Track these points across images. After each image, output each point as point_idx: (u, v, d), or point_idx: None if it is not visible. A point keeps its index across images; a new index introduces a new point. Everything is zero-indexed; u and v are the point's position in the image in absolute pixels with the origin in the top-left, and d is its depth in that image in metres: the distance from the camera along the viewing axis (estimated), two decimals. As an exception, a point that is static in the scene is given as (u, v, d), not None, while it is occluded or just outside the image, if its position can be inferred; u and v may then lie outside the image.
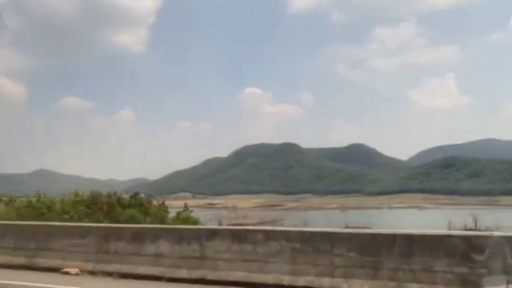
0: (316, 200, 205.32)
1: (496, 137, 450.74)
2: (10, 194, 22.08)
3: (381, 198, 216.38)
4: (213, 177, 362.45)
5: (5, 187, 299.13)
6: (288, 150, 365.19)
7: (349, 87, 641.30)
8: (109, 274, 8.97)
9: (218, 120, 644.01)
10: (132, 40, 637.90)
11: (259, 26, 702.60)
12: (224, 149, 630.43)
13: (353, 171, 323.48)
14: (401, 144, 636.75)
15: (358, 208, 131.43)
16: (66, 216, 14.87)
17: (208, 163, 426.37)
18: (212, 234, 8.31)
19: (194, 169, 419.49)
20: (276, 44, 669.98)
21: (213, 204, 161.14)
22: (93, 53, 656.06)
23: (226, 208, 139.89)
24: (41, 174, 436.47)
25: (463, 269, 6.17)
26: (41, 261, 9.92)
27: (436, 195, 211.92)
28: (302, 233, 7.68)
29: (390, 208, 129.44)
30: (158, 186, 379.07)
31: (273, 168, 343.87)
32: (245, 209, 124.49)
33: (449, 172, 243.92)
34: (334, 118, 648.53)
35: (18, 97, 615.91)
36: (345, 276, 6.87)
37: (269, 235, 7.72)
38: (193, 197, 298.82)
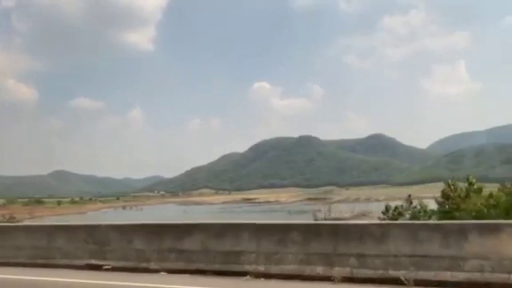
0: (347, 192, 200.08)
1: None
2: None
3: (414, 188, 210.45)
4: (233, 173, 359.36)
5: (25, 189, 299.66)
6: (307, 143, 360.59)
7: (359, 78, 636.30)
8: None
9: (228, 116, 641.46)
10: (140, 39, 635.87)
11: (266, 20, 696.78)
12: (239, 144, 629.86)
13: (376, 161, 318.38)
14: (418, 132, 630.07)
15: (401, 199, 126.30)
16: None
17: (225, 158, 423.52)
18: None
19: (211, 165, 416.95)
20: (284, 37, 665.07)
21: (249, 199, 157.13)
22: (102, 53, 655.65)
23: (268, 202, 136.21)
24: (58, 175, 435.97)
25: None
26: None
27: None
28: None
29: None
30: (176, 183, 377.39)
31: (294, 161, 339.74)
32: (292, 203, 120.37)
33: (480, 159, 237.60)
34: (346, 110, 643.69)
35: (31, 100, 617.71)
36: None
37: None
38: (216, 193, 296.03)
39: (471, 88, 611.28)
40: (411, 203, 14.24)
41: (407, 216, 14.94)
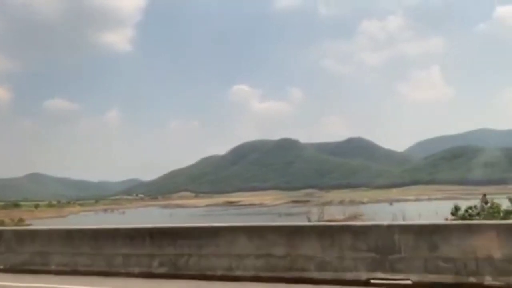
0: (329, 195, 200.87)
1: (488, 126, 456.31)
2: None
3: (394, 191, 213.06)
4: (213, 175, 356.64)
5: (0, 192, 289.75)
6: (287, 146, 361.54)
7: (338, 82, 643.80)
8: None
9: (207, 119, 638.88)
10: (118, 39, 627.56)
11: (246, 22, 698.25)
12: (219, 147, 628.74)
13: (356, 165, 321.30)
14: (395, 135, 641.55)
15: (385, 201, 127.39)
16: None
17: (205, 161, 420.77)
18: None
19: (191, 168, 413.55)
20: (264, 40, 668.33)
21: (232, 202, 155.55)
22: (79, 54, 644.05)
23: (252, 205, 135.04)
24: (33, 177, 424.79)
25: None
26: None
27: (447, 185, 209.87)
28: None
29: (429, 200, 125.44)
30: (155, 186, 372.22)
31: (275, 164, 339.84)
32: (277, 206, 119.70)
33: (458, 163, 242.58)
34: (325, 113, 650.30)
35: (4, 101, 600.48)
36: None
37: None
38: (196, 196, 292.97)
39: (445, 92, 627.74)
40: (486, 202, 13.45)
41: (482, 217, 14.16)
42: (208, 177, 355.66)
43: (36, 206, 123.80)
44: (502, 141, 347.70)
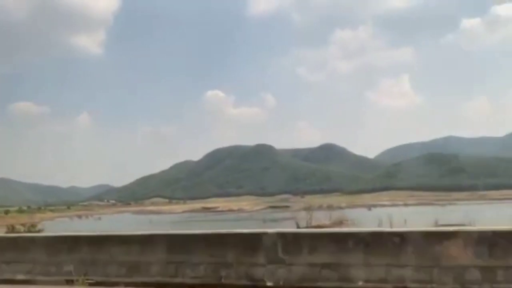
0: (305, 201, 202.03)
1: (454, 134, 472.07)
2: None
3: (368, 196, 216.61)
4: (187, 181, 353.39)
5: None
6: (263, 152, 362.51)
7: (311, 89, 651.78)
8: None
9: (180, 124, 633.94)
10: (89, 42, 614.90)
11: (220, 28, 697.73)
12: (192, 152, 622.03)
13: (329, 170, 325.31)
14: (366, 142, 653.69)
15: (362, 206, 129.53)
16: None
17: (179, 166, 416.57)
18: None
19: (164, 173, 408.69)
20: (238, 46, 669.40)
21: (209, 208, 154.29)
22: (47, 56, 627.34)
23: (231, 211, 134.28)
24: (1, 183, 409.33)
25: None
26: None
27: (418, 191, 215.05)
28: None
29: (406, 205, 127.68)
30: (126, 192, 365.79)
31: (250, 170, 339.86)
32: (257, 211, 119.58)
33: (428, 169, 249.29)
34: (298, 120, 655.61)
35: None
36: None
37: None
38: (169, 202, 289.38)
39: (414, 101, 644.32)
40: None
41: None
42: (181, 183, 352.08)
43: (6, 212, 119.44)
44: (468, 148, 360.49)
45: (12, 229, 15.75)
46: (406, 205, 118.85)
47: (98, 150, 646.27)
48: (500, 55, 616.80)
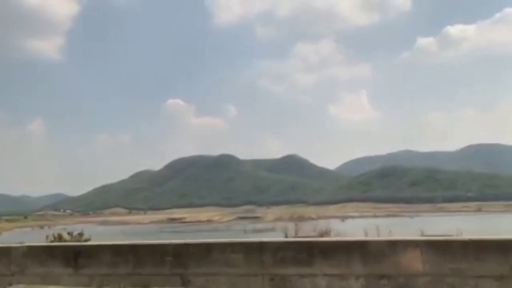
0: (270, 212, 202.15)
1: (410, 148, 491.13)
2: None
3: (331, 207, 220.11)
4: (147, 191, 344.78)
5: None
6: (226, 162, 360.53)
7: (273, 101, 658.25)
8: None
9: (139, 132, 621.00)
10: (47, 47, 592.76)
11: (183, 38, 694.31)
12: (153, 162, 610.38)
13: (293, 181, 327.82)
14: (326, 154, 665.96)
15: (333, 217, 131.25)
16: None
17: (138, 176, 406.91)
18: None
19: (123, 183, 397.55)
20: (200, 57, 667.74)
21: (175, 219, 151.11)
22: (1, 59, 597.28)
23: (199, 222, 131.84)
24: None
25: None
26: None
27: (381, 203, 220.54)
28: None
29: (375, 216, 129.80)
30: (83, 202, 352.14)
31: (213, 180, 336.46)
32: (226, 222, 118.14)
33: (388, 181, 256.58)
34: (259, 131, 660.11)
35: None
36: None
37: None
38: (130, 212, 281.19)
39: (371, 115, 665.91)
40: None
41: None
42: (142, 193, 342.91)
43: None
44: (423, 162, 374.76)
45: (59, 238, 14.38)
46: (375, 216, 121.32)
47: (52, 157, 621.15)
48: (452, 72, 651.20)
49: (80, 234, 14.74)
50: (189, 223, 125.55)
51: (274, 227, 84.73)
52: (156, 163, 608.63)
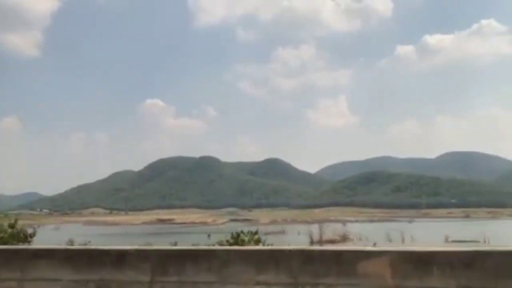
0: (253, 214, 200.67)
1: (389, 154, 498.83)
2: None
3: (316, 211, 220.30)
4: (128, 192, 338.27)
5: None
6: (208, 164, 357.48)
7: (253, 104, 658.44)
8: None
9: (116, 132, 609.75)
10: (23, 43, 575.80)
11: (164, 38, 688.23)
12: (132, 162, 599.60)
13: (275, 184, 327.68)
14: (306, 158, 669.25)
15: (333, 222, 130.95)
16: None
17: (117, 176, 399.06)
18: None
19: (101, 183, 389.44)
20: (181, 58, 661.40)
21: (164, 220, 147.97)
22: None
23: (192, 224, 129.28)
24: None
25: None
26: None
27: (365, 208, 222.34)
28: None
29: (371, 221, 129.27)
30: (60, 201, 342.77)
31: (194, 182, 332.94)
32: (222, 224, 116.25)
33: (372, 187, 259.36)
34: (239, 134, 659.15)
35: None
36: None
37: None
38: (110, 213, 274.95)
39: (350, 121, 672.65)
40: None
41: None
42: (122, 193, 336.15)
43: None
44: (402, 168, 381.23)
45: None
46: (371, 221, 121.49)
47: (26, 155, 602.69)
48: (429, 80, 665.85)
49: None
50: (182, 225, 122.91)
51: (283, 229, 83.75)
52: (134, 163, 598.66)
